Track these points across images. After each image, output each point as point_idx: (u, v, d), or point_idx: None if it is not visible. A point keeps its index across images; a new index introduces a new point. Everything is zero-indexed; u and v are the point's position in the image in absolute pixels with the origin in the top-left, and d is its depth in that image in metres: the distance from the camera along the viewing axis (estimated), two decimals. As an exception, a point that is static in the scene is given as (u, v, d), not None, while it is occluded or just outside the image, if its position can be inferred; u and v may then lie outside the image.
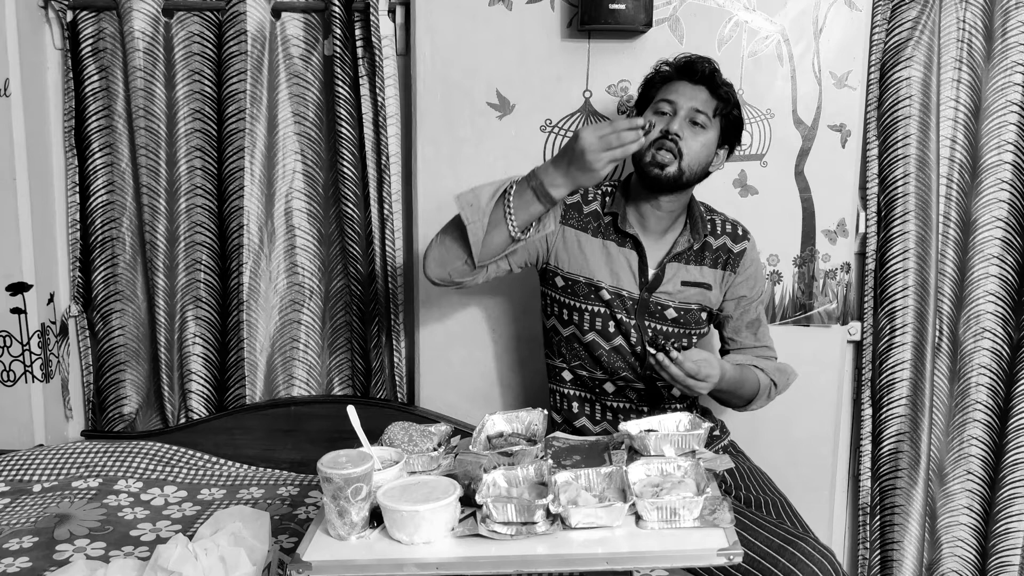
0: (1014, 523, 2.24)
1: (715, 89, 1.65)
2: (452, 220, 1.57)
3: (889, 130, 2.09)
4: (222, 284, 2.24)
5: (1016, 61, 2.09)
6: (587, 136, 1.41)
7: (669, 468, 1.33)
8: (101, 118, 2.21)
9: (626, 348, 1.72)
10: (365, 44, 2.08)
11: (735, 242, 1.76)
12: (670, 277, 1.70)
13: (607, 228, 1.71)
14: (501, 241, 1.52)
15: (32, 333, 2.18)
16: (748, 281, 1.77)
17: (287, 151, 2.21)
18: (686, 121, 1.62)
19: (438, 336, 2.14)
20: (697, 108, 1.62)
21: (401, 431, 1.48)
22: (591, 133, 1.41)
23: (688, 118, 1.62)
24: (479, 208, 1.48)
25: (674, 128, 1.61)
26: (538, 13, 2.00)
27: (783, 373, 1.79)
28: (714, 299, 1.75)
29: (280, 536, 1.69)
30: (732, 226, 1.78)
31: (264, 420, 2.21)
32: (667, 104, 1.63)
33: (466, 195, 1.49)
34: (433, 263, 1.60)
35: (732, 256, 1.75)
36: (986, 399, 2.23)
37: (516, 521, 1.21)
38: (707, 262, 1.74)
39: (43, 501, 1.90)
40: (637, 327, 1.70)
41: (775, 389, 1.77)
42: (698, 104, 1.63)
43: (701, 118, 1.63)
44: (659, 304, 1.70)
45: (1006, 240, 2.16)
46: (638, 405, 1.75)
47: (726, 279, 1.75)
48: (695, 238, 1.71)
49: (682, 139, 1.61)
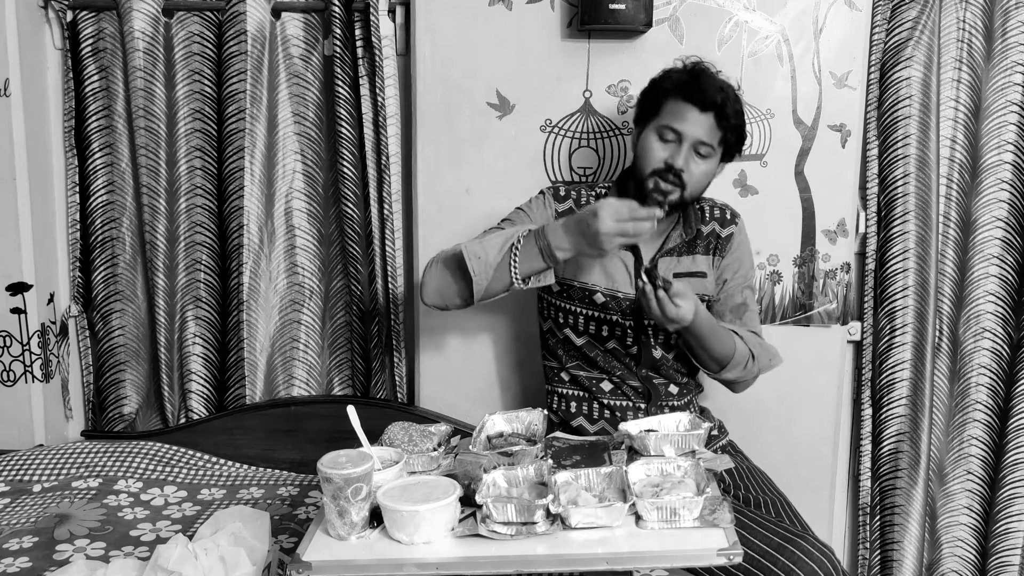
0: (1014, 523, 2.24)
1: (723, 119, 1.61)
2: (454, 256, 1.58)
3: (889, 130, 2.09)
4: (222, 284, 2.24)
5: (1016, 61, 2.09)
6: (606, 220, 1.42)
7: (669, 468, 1.33)
8: (101, 118, 2.21)
9: (620, 350, 1.73)
10: (365, 44, 2.08)
11: (723, 226, 1.76)
12: (663, 272, 1.70)
13: None
14: (501, 287, 1.56)
15: (32, 333, 2.18)
16: (732, 264, 1.76)
17: (287, 151, 2.21)
18: (691, 152, 1.61)
19: (438, 336, 2.14)
20: (702, 140, 1.60)
21: (401, 431, 1.48)
22: (610, 217, 1.41)
23: (693, 148, 1.61)
24: (486, 262, 1.52)
25: (678, 164, 1.60)
26: (538, 13, 2.00)
27: (765, 351, 1.76)
28: (710, 286, 1.75)
29: (280, 536, 1.69)
30: (720, 210, 1.78)
31: (264, 420, 2.21)
32: (671, 132, 1.61)
33: (474, 247, 1.54)
34: (432, 293, 1.63)
35: (720, 240, 1.75)
36: (986, 399, 2.23)
37: (516, 521, 1.21)
38: (699, 250, 1.74)
39: (43, 501, 1.90)
40: (634, 327, 1.70)
41: (753, 363, 1.72)
42: (703, 135, 1.60)
43: (705, 149, 1.61)
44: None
45: (1006, 240, 2.16)
46: (635, 402, 1.75)
47: (716, 263, 1.75)
48: (688, 232, 1.72)
49: (685, 171, 1.60)
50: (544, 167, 2.05)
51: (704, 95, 1.59)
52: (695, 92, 1.59)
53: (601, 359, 1.73)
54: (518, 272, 1.52)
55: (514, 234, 1.53)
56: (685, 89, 1.61)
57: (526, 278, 1.54)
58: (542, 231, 1.51)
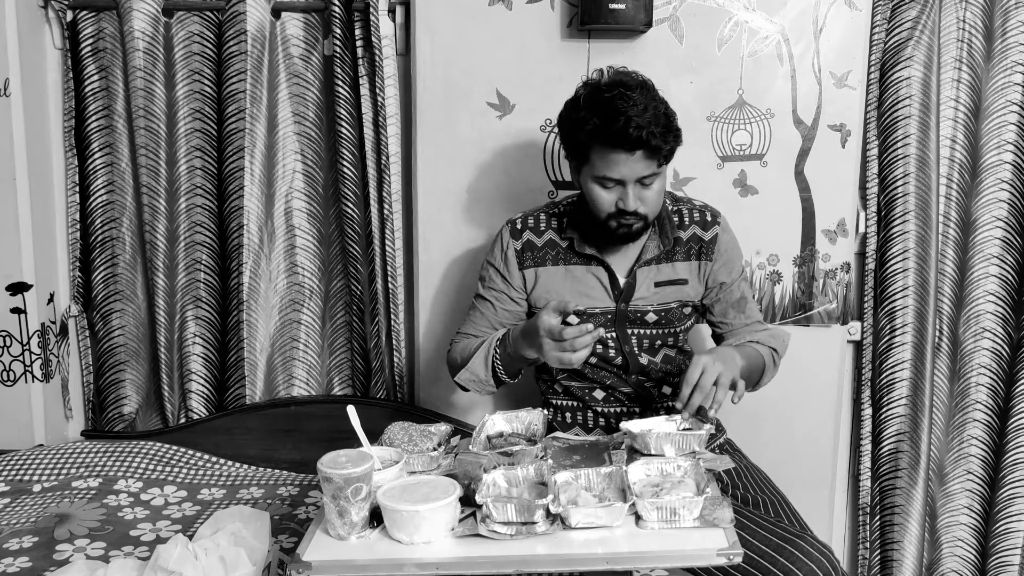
0: (1014, 523, 2.24)
1: (653, 151, 1.52)
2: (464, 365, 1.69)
3: (889, 130, 2.09)
4: (222, 284, 2.24)
5: (1016, 61, 2.09)
6: (547, 350, 1.48)
7: (669, 468, 1.33)
8: (101, 118, 2.21)
9: (604, 362, 1.72)
10: (365, 44, 2.08)
11: (705, 229, 1.71)
12: (642, 282, 1.68)
13: (567, 253, 1.70)
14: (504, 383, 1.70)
15: (32, 333, 2.18)
16: (726, 266, 1.74)
17: (287, 151, 2.21)
18: (637, 187, 1.56)
19: (438, 336, 2.14)
20: (643, 176, 1.54)
21: (401, 431, 1.48)
22: (549, 345, 1.47)
23: (637, 183, 1.56)
24: (480, 380, 1.68)
25: (631, 207, 1.56)
26: (538, 13, 2.00)
27: (777, 338, 1.74)
28: (692, 292, 1.72)
29: (280, 536, 1.69)
30: (700, 212, 1.73)
31: (264, 420, 2.21)
32: (611, 181, 1.55)
33: (464, 375, 1.69)
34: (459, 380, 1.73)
35: (704, 244, 1.71)
36: (986, 399, 2.23)
37: (516, 521, 1.21)
38: (679, 257, 1.71)
39: (43, 501, 1.90)
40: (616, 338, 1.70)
41: (777, 356, 1.72)
42: (642, 171, 1.54)
43: (648, 179, 1.56)
44: (637, 311, 1.69)
45: (1006, 240, 2.16)
46: (630, 407, 1.75)
47: (703, 268, 1.72)
48: (665, 242, 1.69)
49: (640, 205, 1.57)
50: (544, 167, 2.05)
51: (625, 138, 1.49)
52: (615, 138, 1.50)
53: (590, 371, 1.73)
54: (505, 375, 1.66)
55: (491, 346, 1.65)
56: (605, 136, 1.51)
57: (515, 375, 1.67)
58: (508, 340, 1.62)
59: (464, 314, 1.94)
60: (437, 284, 2.12)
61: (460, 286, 2.10)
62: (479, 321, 1.77)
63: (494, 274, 1.75)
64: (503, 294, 1.74)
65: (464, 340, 1.77)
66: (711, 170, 2.05)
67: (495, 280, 1.75)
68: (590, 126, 1.52)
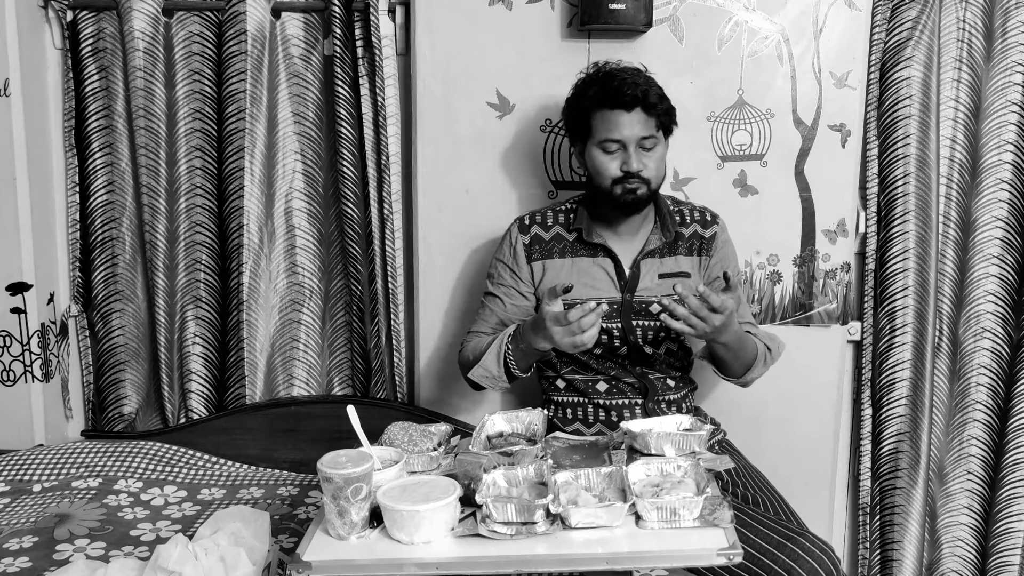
0: (1014, 523, 2.24)
1: (650, 108, 1.64)
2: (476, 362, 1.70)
3: (889, 130, 2.09)
4: (222, 284, 2.24)
5: (1016, 61, 2.09)
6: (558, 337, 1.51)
7: (669, 468, 1.33)
8: (101, 118, 2.21)
9: (609, 353, 1.75)
10: (365, 44, 2.08)
11: (705, 227, 1.80)
12: (646, 273, 1.74)
13: (574, 245, 1.76)
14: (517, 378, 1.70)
15: (32, 333, 2.18)
16: (721, 262, 1.80)
17: (287, 151, 2.21)
18: (638, 150, 1.65)
19: (438, 336, 2.14)
20: (643, 135, 1.65)
21: (401, 431, 1.48)
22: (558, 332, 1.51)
23: (638, 146, 1.65)
24: (493, 376, 1.68)
25: (634, 168, 1.64)
26: (538, 13, 2.00)
27: (772, 339, 1.80)
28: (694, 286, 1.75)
29: (280, 536, 1.69)
30: (700, 213, 1.82)
31: (264, 420, 2.21)
32: (613, 143, 1.65)
33: (478, 372, 1.69)
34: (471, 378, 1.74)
35: (704, 241, 1.79)
36: (986, 399, 2.23)
37: (516, 521, 1.21)
38: (681, 251, 1.77)
39: (43, 501, 1.90)
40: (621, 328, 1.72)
41: (769, 355, 1.77)
42: (641, 131, 1.65)
43: (649, 141, 1.66)
44: (642, 302, 1.73)
45: (1006, 240, 2.16)
46: (632, 399, 1.75)
47: (703, 264, 1.79)
48: (666, 235, 1.75)
49: (643, 168, 1.65)
50: (544, 167, 2.05)
51: (624, 95, 1.63)
52: (615, 96, 1.63)
53: (594, 361, 1.76)
54: (517, 369, 1.66)
55: (502, 342, 1.66)
56: (605, 97, 1.65)
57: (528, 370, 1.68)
58: (520, 334, 1.63)
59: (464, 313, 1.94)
60: (437, 284, 2.12)
61: (460, 286, 2.11)
62: (489, 318, 1.80)
63: (503, 270, 1.79)
64: (512, 289, 1.78)
65: (476, 339, 1.79)
66: (711, 170, 2.05)
67: (504, 276, 1.79)
68: (591, 92, 1.67)
